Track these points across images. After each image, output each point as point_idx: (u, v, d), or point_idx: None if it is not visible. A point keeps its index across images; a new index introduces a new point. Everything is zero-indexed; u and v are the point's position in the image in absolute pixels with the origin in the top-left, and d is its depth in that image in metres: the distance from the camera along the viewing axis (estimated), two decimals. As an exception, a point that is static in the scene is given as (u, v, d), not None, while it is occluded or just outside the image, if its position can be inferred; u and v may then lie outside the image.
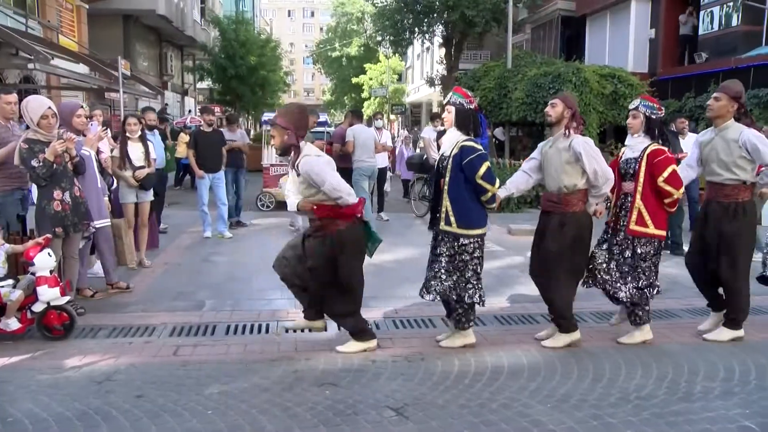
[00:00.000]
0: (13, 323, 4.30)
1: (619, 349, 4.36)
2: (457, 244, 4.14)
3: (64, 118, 5.13)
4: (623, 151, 4.55)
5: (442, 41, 22.91)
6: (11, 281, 4.38)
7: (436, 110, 20.65)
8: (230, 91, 27.12)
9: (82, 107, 5.48)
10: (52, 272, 4.44)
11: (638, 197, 4.29)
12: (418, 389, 3.64)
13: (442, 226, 4.18)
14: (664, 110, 4.47)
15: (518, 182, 4.63)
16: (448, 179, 4.15)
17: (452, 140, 4.19)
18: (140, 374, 3.81)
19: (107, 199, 5.82)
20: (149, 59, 24.34)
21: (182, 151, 12.41)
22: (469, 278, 4.17)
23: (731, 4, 14.79)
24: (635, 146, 4.41)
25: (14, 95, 5.14)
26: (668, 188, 4.21)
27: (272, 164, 11.79)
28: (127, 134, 6.43)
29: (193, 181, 10.54)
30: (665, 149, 4.31)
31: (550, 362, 4.09)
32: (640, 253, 4.33)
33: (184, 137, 12.12)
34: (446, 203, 4.16)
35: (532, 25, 22.97)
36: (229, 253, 7.62)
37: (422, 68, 36.20)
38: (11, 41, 10.66)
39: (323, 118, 13.46)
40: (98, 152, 5.74)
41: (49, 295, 4.34)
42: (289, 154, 4.13)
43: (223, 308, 5.30)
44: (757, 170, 4.46)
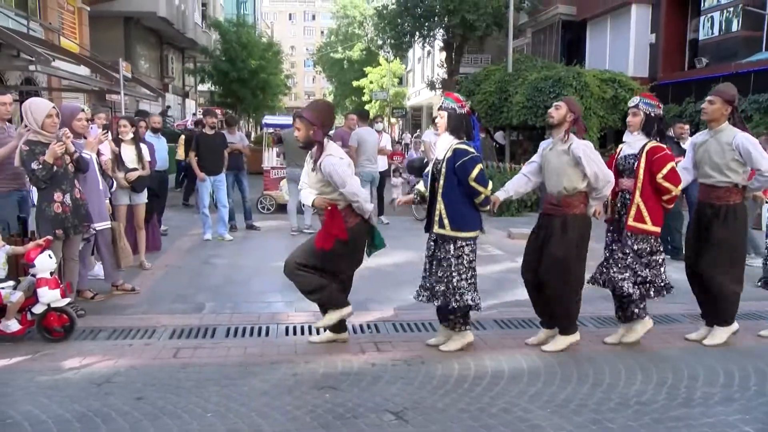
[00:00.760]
0: (13, 325, 4.30)
1: (618, 354, 4.36)
2: (452, 246, 4.15)
3: (64, 121, 5.13)
4: (621, 147, 4.57)
5: (442, 45, 22.95)
6: (12, 283, 4.39)
7: (437, 114, 20.63)
8: (231, 93, 27.20)
9: (82, 110, 5.49)
10: (52, 274, 4.44)
11: (637, 194, 4.32)
12: (417, 393, 3.64)
13: (435, 229, 4.21)
14: (662, 108, 4.50)
15: (517, 185, 4.66)
16: (442, 182, 4.17)
17: (445, 144, 4.23)
18: (140, 376, 3.81)
19: (108, 201, 5.82)
20: (150, 61, 24.36)
21: (182, 153, 12.44)
22: (463, 281, 4.17)
23: (732, 9, 14.82)
24: (634, 143, 4.43)
25: (9, 96, 5.14)
26: (667, 185, 4.25)
27: (273, 167, 11.81)
28: (120, 136, 6.43)
29: (193, 183, 10.52)
30: (664, 146, 4.34)
31: (550, 367, 4.09)
32: (636, 249, 4.36)
33: (182, 139, 12.15)
34: (440, 206, 4.18)
35: (532, 29, 23.01)
36: (229, 255, 7.63)
37: (423, 72, 36.22)
38: (12, 43, 10.67)
39: None
40: (99, 154, 5.75)
41: (49, 296, 4.34)
42: (311, 149, 4.27)
43: (223, 311, 5.30)
44: (750, 174, 4.47)
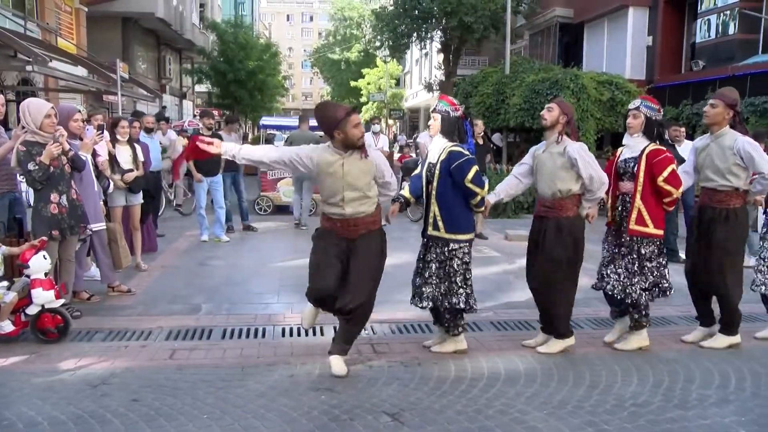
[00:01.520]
0: (6, 326, 4.29)
1: (615, 355, 4.36)
2: (447, 249, 4.15)
3: (60, 121, 5.11)
4: (620, 150, 4.57)
5: (440, 47, 23.00)
6: (6, 283, 4.37)
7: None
8: (229, 94, 27.16)
9: (79, 111, 5.48)
10: (47, 275, 4.43)
11: (638, 197, 4.31)
12: (414, 395, 3.64)
13: (430, 231, 4.20)
14: (662, 111, 4.50)
15: (508, 187, 4.64)
16: (436, 185, 4.17)
17: (439, 147, 4.23)
18: (136, 378, 3.80)
19: (102, 202, 5.81)
20: (148, 62, 24.33)
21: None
22: (459, 284, 4.17)
23: (728, 12, 14.86)
24: (634, 146, 4.42)
25: (1, 97, 5.13)
26: (668, 187, 4.24)
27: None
28: (117, 137, 6.41)
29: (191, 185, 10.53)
30: (664, 149, 4.34)
31: (546, 368, 4.09)
32: (644, 253, 4.34)
33: (180, 140, 12.08)
34: (434, 209, 4.18)
35: (530, 31, 23.04)
36: (225, 256, 7.62)
37: (420, 73, 36.28)
38: (10, 43, 10.64)
39: None
40: (95, 155, 5.73)
41: (43, 297, 4.33)
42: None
43: (219, 312, 5.29)
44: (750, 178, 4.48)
